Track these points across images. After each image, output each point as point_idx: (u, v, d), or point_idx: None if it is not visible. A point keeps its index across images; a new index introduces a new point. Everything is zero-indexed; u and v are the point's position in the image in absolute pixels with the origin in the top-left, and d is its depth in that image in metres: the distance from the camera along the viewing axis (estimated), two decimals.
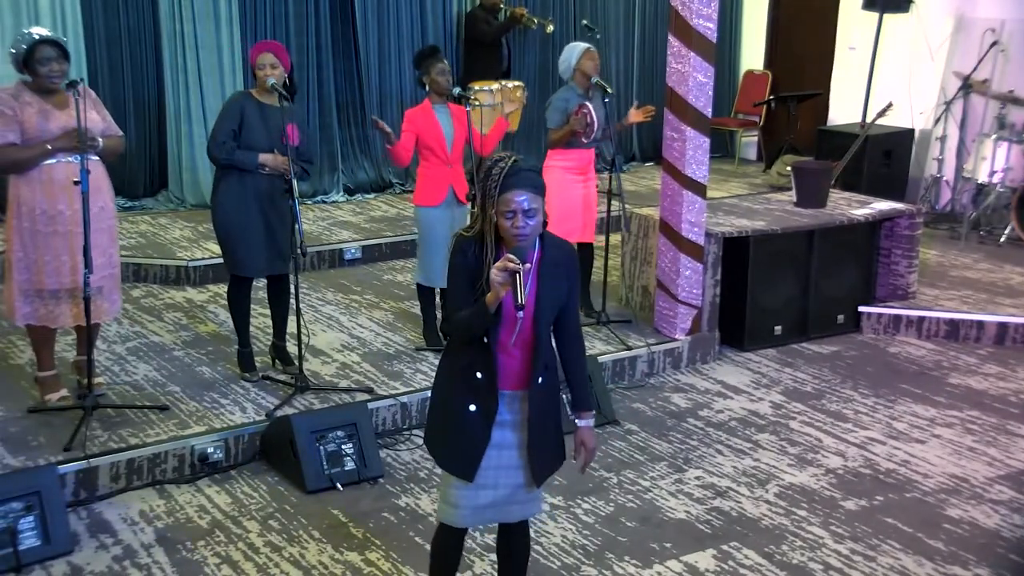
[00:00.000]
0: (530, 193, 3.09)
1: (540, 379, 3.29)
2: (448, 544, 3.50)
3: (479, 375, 3.23)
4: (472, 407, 3.25)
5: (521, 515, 3.41)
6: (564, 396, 3.54)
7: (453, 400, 3.29)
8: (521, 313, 3.13)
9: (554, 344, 3.38)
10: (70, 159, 4.88)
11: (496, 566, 3.68)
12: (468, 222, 3.56)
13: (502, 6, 9.90)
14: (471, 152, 5.93)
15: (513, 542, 3.52)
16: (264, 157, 5.27)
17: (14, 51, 4.87)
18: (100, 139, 4.95)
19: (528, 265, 3.08)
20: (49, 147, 4.84)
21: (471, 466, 3.26)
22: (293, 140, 5.26)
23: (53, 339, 5.26)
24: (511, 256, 3.03)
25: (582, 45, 6.34)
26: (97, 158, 5.00)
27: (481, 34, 9.63)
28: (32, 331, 5.16)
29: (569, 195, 6.30)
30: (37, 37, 4.86)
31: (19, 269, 4.96)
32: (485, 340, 3.19)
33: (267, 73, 5.26)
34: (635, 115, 6.49)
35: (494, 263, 3.09)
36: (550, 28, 9.83)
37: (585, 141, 6.27)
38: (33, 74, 4.87)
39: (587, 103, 6.22)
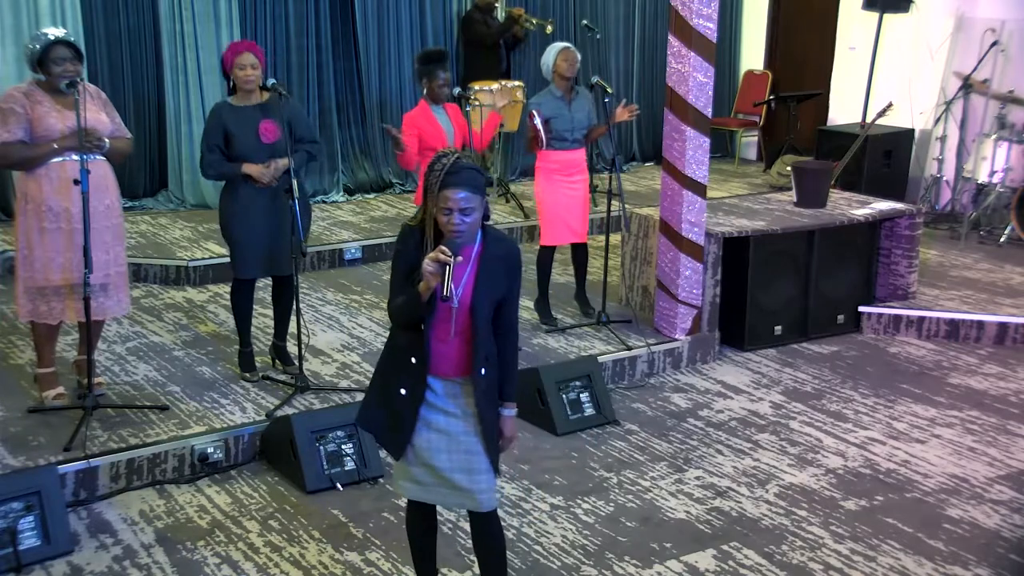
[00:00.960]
0: (468, 192, 3.15)
1: (483, 370, 3.36)
2: (413, 517, 3.64)
3: (413, 360, 3.34)
4: (403, 390, 3.37)
5: (471, 504, 3.44)
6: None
7: (388, 380, 3.42)
8: (455, 303, 3.25)
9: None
10: (77, 157, 4.89)
11: None
12: None
13: (497, 5, 9.85)
14: (472, 152, 5.94)
15: (482, 536, 3.53)
16: (248, 168, 5.26)
17: (29, 50, 4.91)
18: (107, 140, 4.97)
19: (460, 258, 3.17)
20: (56, 146, 4.87)
21: (400, 445, 3.41)
22: (269, 138, 5.27)
23: (56, 336, 5.27)
24: (444, 248, 3.11)
25: (559, 45, 6.32)
26: (103, 158, 5.01)
27: (481, 36, 9.57)
28: (36, 327, 5.17)
29: (556, 196, 6.30)
30: (53, 37, 4.90)
31: (25, 266, 4.98)
32: (421, 327, 3.29)
33: (248, 74, 5.25)
34: (621, 113, 6.45)
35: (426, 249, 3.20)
36: (549, 28, 9.80)
37: (540, 147, 6.24)
38: (47, 73, 4.90)
39: (534, 111, 6.19)
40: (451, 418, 3.39)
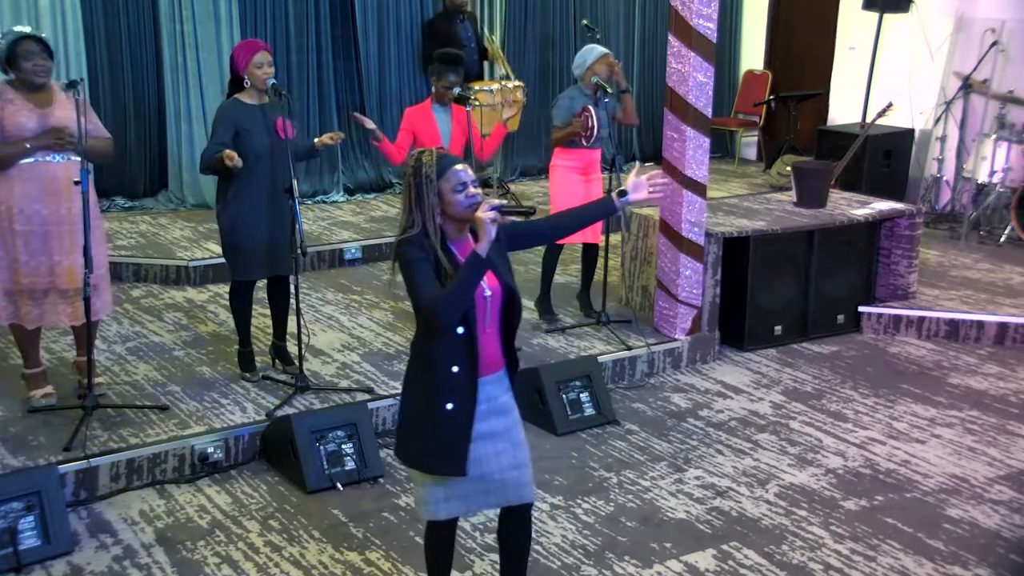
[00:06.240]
0: (465, 164, 3.20)
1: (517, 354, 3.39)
2: (441, 536, 3.47)
3: (455, 369, 3.18)
4: (449, 405, 3.20)
5: (515, 499, 3.39)
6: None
7: (427, 401, 3.23)
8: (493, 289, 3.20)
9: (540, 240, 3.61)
10: (49, 158, 4.86)
11: (497, 566, 3.67)
12: None
13: (467, 10, 9.69)
14: (472, 155, 5.94)
15: (515, 531, 3.48)
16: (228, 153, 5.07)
17: None
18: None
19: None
20: (28, 145, 4.80)
21: (458, 462, 3.23)
22: (290, 134, 5.26)
23: (38, 336, 5.24)
24: (484, 203, 3.12)
25: (601, 49, 6.36)
26: (78, 158, 4.91)
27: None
28: (14, 329, 5.15)
29: (573, 193, 6.30)
30: (20, 33, 4.86)
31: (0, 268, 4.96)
32: (460, 330, 3.16)
33: (266, 72, 5.23)
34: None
35: (441, 251, 3.14)
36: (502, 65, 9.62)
37: (585, 144, 6.28)
38: (17, 71, 4.86)
39: (590, 107, 6.22)
40: (497, 417, 3.31)
